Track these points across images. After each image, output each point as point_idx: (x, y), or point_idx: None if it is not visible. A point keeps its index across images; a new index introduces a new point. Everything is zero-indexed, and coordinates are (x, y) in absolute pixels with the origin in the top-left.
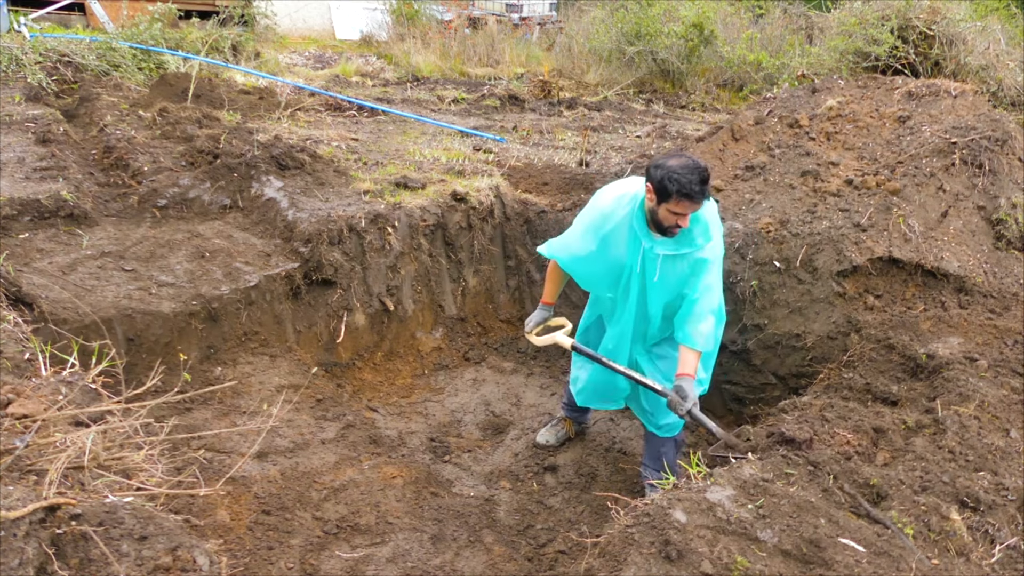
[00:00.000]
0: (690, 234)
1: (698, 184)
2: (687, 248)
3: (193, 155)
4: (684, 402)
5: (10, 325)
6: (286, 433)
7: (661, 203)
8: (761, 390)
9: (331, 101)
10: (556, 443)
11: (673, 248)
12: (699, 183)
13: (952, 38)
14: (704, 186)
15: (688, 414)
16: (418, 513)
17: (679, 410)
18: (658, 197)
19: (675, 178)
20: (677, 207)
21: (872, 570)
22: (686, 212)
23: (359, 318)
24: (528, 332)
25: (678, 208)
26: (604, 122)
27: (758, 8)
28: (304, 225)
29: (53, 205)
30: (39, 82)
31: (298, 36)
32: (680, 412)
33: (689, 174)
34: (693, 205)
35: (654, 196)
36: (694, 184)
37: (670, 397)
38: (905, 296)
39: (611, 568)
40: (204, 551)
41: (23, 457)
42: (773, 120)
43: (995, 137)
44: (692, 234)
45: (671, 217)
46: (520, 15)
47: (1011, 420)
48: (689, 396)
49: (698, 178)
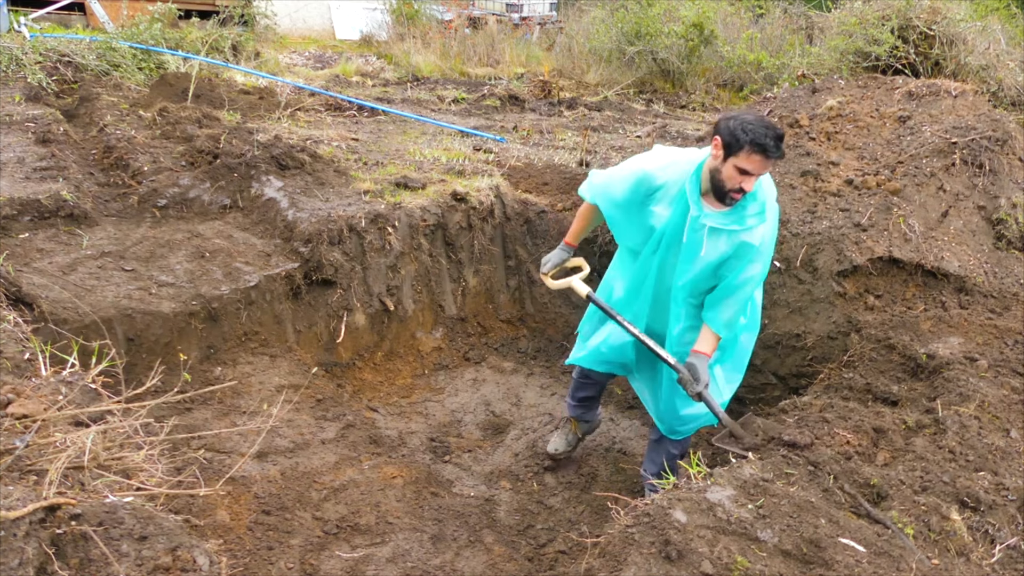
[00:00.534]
0: (743, 210)
1: (773, 139)
2: (736, 225)
3: (193, 155)
4: (696, 381)
5: (10, 325)
6: (286, 433)
7: (728, 157)
8: (761, 390)
9: (331, 101)
10: (568, 449)
11: (721, 221)
12: (774, 138)
13: (952, 38)
14: (779, 143)
15: (699, 396)
16: (418, 513)
17: (690, 389)
18: (726, 151)
19: (750, 128)
20: (747, 162)
21: (872, 570)
22: (754, 171)
23: (359, 318)
24: (544, 273)
25: (748, 163)
26: (604, 122)
27: (758, 8)
28: (304, 225)
29: (53, 205)
30: (39, 82)
31: (298, 36)
32: (691, 391)
33: (765, 128)
34: (764, 162)
35: (721, 151)
36: (769, 137)
37: (682, 374)
38: (905, 296)
39: (611, 568)
40: (204, 551)
41: (23, 457)
42: (773, 120)
43: (995, 137)
44: (745, 211)
45: (736, 177)
46: (520, 15)
47: (1011, 420)
48: (701, 376)
49: (774, 133)
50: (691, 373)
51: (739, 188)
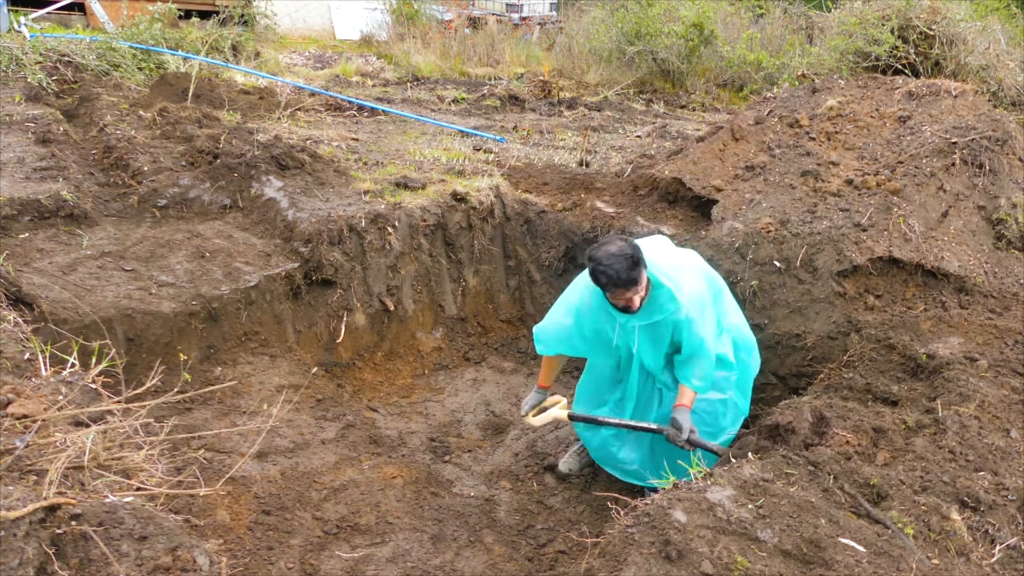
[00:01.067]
0: (655, 302)
1: (625, 272)
2: (659, 316)
3: (193, 155)
4: (680, 433)
5: (10, 325)
6: (286, 433)
7: (605, 293)
8: (761, 390)
9: (331, 101)
10: (579, 470)
11: (645, 319)
12: (626, 270)
13: (952, 38)
14: (632, 272)
15: (687, 442)
16: (418, 513)
17: (677, 441)
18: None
19: (602, 270)
20: (614, 296)
21: (872, 570)
22: (627, 297)
23: (359, 318)
24: (524, 415)
25: (614, 298)
26: (604, 122)
27: (758, 8)
28: (304, 225)
29: (53, 205)
30: (39, 82)
31: (298, 36)
32: (679, 442)
33: (616, 263)
34: (628, 292)
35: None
36: (620, 273)
37: (666, 432)
38: (905, 296)
39: (611, 568)
40: (204, 551)
41: (23, 457)
42: (773, 120)
43: (995, 137)
44: (658, 302)
45: (619, 303)
46: (520, 15)
47: (1011, 420)
48: (684, 426)
49: (625, 265)
50: (674, 427)
51: (626, 307)
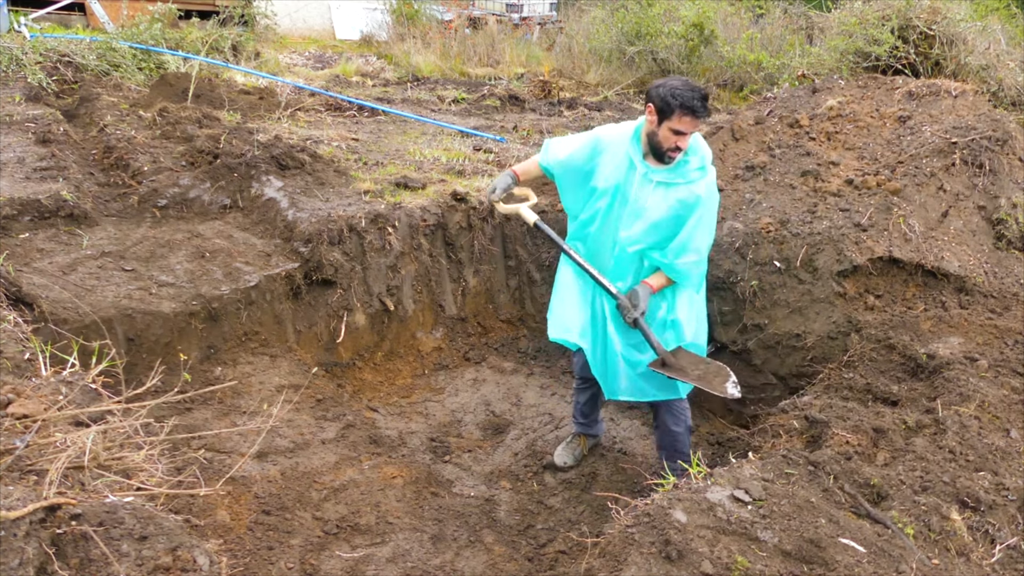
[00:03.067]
0: (685, 165)
1: (699, 100)
2: (681, 179)
3: (193, 155)
4: (635, 307)
5: (10, 325)
6: (286, 433)
7: (662, 121)
8: (761, 390)
9: (331, 101)
10: (574, 463)
11: (667, 176)
12: (700, 99)
13: (952, 38)
14: (704, 103)
15: (634, 322)
16: (418, 513)
17: (627, 315)
18: (659, 115)
19: (677, 93)
20: (679, 123)
21: (872, 570)
22: (687, 130)
23: (359, 318)
24: (493, 198)
25: (680, 125)
26: (604, 122)
27: (758, 8)
28: (304, 225)
29: (53, 205)
30: (39, 82)
31: (298, 36)
32: (627, 316)
33: (690, 91)
34: (694, 122)
35: (655, 116)
36: (696, 99)
37: (620, 300)
38: (905, 296)
39: (611, 568)
40: (204, 551)
41: (23, 457)
42: (773, 120)
43: (995, 137)
44: (687, 165)
45: (671, 137)
46: (520, 15)
47: (1011, 420)
48: (640, 303)
49: (699, 94)
50: (631, 300)
51: (675, 147)
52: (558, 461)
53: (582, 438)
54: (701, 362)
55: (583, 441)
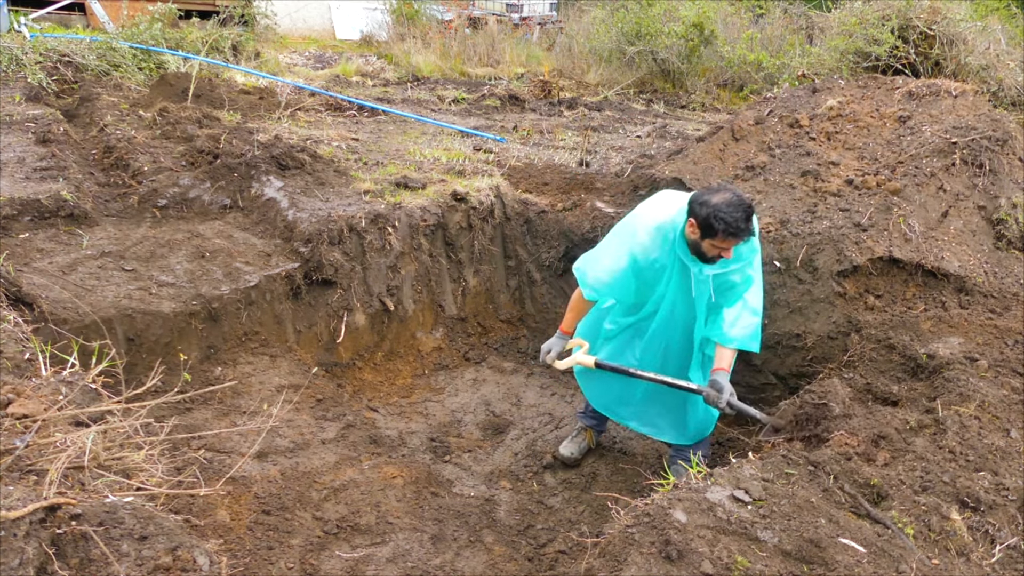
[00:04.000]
0: (738, 251)
1: (744, 222)
2: (736, 264)
3: (193, 155)
4: (721, 395)
5: (10, 325)
6: (286, 433)
7: (705, 238)
8: (761, 390)
9: (331, 101)
10: (579, 455)
11: (722, 267)
12: (744, 220)
13: (952, 38)
14: (749, 223)
15: (728, 405)
16: (418, 513)
17: (719, 403)
18: (702, 233)
19: (721, 217)
20: (722, 244)
21: (872, 570)
22: (730, 247)
23: (359, 318)
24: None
25: (723, 245)
26: (604, 122)
27: (758, 8)
28: (304, 225)
29: (53, 205)
30: (39, 82)
31: (298, 36)
32: (720, 405)
33: (735, 211)
34: (737, 241)
35: (697, 231)
36: (740, 222)
37: (706, 393)
38: (905, 296)
39: (611, 568)
40: (204, 551)
41: (23, 457)
42: (773, 120)
43: (995, 137)
44: (740, 251)
45: (714, 250)
46: (520, 15)
47: (1011, 420)
48: (725, 388)
49: (743, 215)
50: (715, 388)
51: (719, 256)
52: (564, 452)
53: (589, 432)
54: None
55: (590, 435)
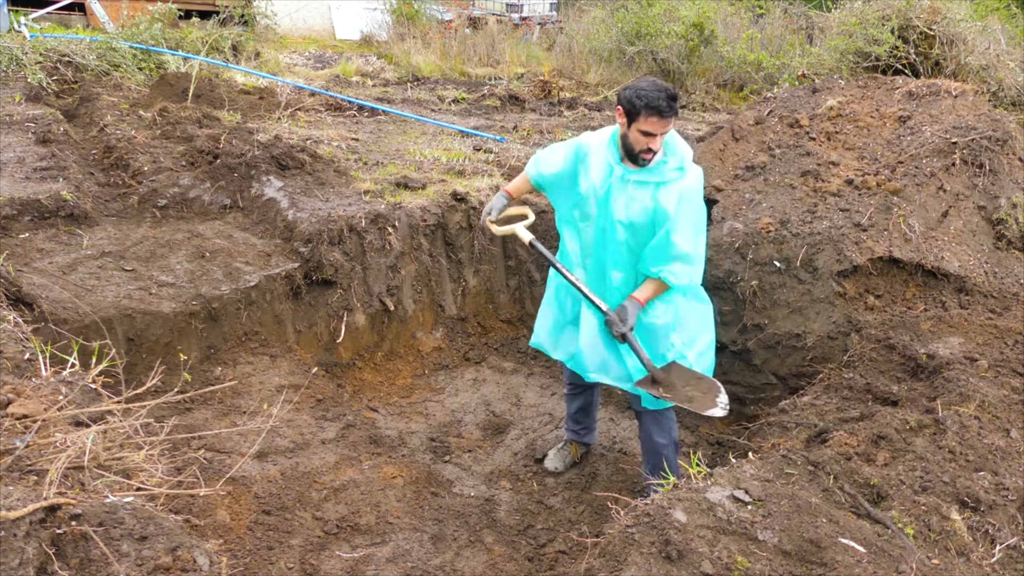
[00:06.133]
0: (663, 164)
1: (665, 100)
2: (657, 177)
3: (193, 155)
4: (623, 323)
5: (10, 325)
6: (286, 433)
7: (631, 123)
8: (761, 390)
9: (331, 101)
10: (564, 469)
11: (643, 176)
12: (667, 99)
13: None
14: (672, 102)
15: (623, 336)
16: (418, 513)
17: (614, 329)
18: (627, 117)
19: (643, 94)
20: (647, 124)
21: (872, 570)
22: (656, 131)
23: (359, 318)
24: (490, 221)
25: (647, 126)
26: (604, 122)
27: (758, 8)
28: (304, 225)
29: (53, 205)
30: (39, 82)
31: (298, 36)
32: (615, 331)
33: (657, 91)
34: (662, 122)
35: (624, 118)
36: (661, 99)
37: (609, 315)
38: (905, 296)
39: (611, 568)
40: (204, 551)
41: (23, 457)
42: (773, 120)
43: (995, 137)
44: (665, 165)
45: (642, 139)
46: (520, 15)
47: (1011, 420)
48: (628, 319)
49: (666, 94)
50: (619, 315)
51: (647, 148)
52: (549, 466)
53: (574, 445)
54: (693, 378)
55: (575, 449)
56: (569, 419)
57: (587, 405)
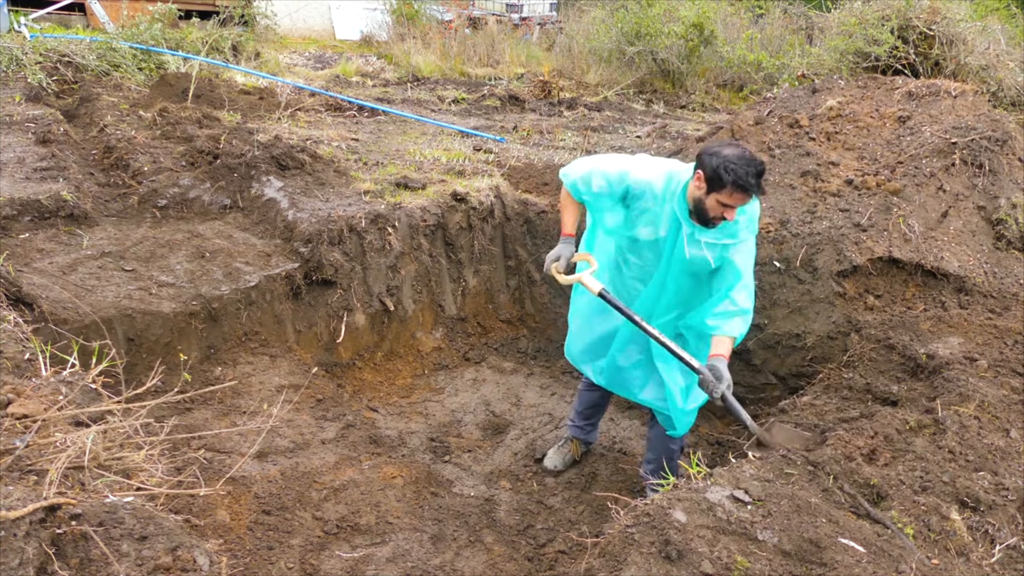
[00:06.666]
0: (735, 225)
1: (755, 176)
2: (730, 239)
3: (193, 155)
4: (719, 382)
5: (10, 325)
6: (286, 433)
7: (711, 192)
8: (761, 390)
9: (331, 101)
10: (563, 467)
11: (716, 236)
12: (755, 175)
13: (952, 38)
14: (759, 179)
15: (722, 398)
16: (418, 513)
17: (714, 391)
18: (708, 186)
19: (732, 168)
20: (729, 199)
21: (872, 570)
22: (736, 205)
23: (359, 318)
24: (553, 271)
25: (730, 200)
26: (604, 122)
27: (758, 8)
28: (304, 225)
29: (53, 205)
30: (39, 82)
31: (298, 36)
32: (714, 394)
33: (746, 165)
34: (746, 198)
35: (703, 184)
36: (751, 176)
37: (704, 375)
38: (905, 296)
39: (611, 568)
40: (204, 551)
41: (23, 457)
42: (773, 120)
43: (995, 137)
44: (737, 225)
45: (718, 208)
46: (520, 15)
47: (1011, 420)
48: (724, 377)
49: (755, 170)
50: (714, 374)
51: (722, 216)
52: (549, 464)
53: (575, 443)
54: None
55: (575, 446)
56: (577, 415)
57: (602, 402)
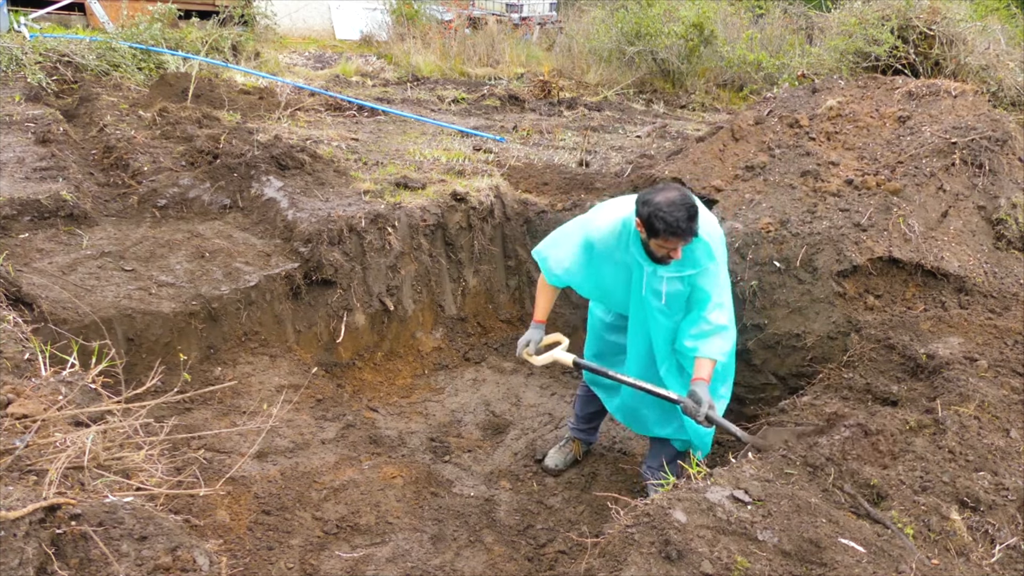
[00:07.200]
0: (693, 256)
1: (685, 221)
2: (692, 269)
3: (193, 155)
4: (699, 407)
5: (10, 325)
6: (286, 433)
7: (651, 238)
8: (761, 390)
9: (331, 101)
10: (564, 467)
11: (676, 270)
12: (686, 220)
13: (952, 38)
14: (691, 223)
15: (706, 419)
16: (418, 513)
17: (696, 416)
18: (647, 232)
19: (661, 216)
20: (666, 244)
21: (872, 570)
22: (676, 247)
23: (359, 318)
24: (525, 355)
25: (667, 244)
26: (604, 122)
27: (758, 8)
28: (304, 225)
29: (53, 205)
30: (39, 82)
31: (298, 36)
32: (697, 418)
33: (676, 211)
34: (682, 241)
35: (644, 231)
36: (681, 222)
37: (684, 404)
38: (905, 296)
39: (611, 568)
40: (204, 551)
41: (23, 457)
42: (773, 120)
43: (995, 137)
44: (695, 255)
45: (662, 250)
46: (520, 15)
47: (1011, 420)
48: (703, 400)
49: (685, 215)
50: (693, 400)
51: (669, 255)
52: (549, 464)
53: (576, 443)
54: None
55: (577, 446)
56: (579, 419)
57: (602, 408)
